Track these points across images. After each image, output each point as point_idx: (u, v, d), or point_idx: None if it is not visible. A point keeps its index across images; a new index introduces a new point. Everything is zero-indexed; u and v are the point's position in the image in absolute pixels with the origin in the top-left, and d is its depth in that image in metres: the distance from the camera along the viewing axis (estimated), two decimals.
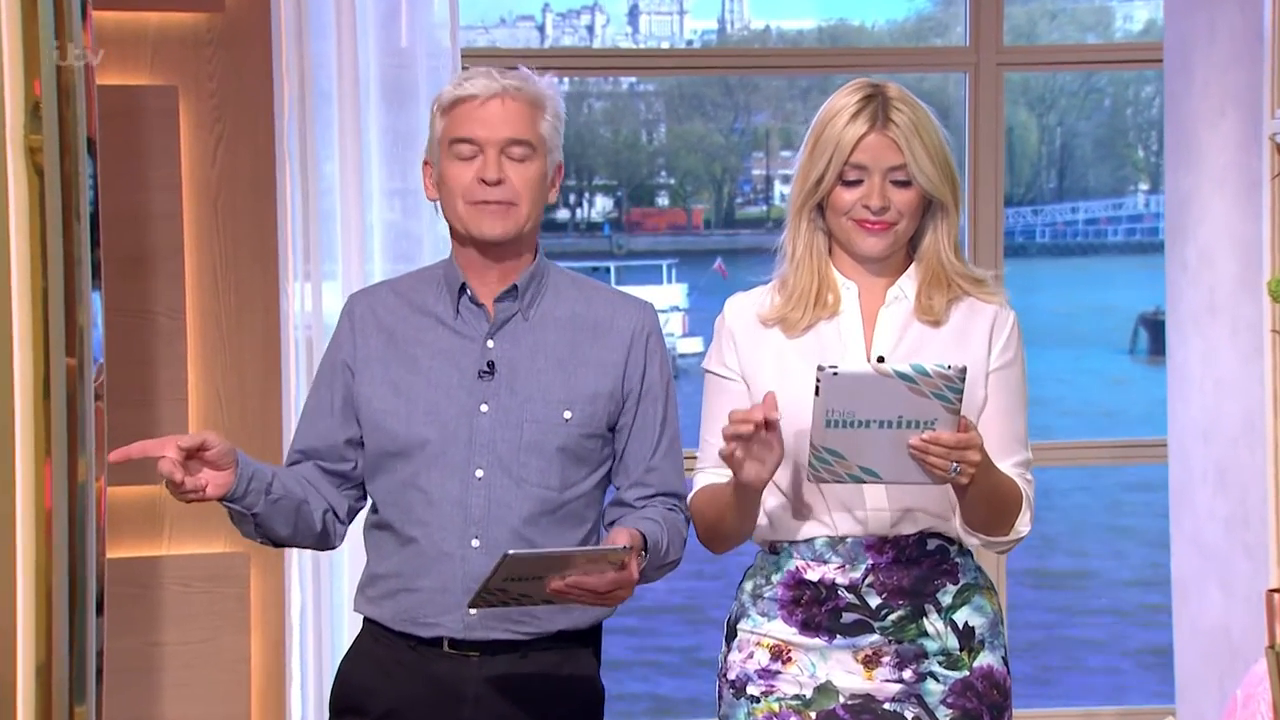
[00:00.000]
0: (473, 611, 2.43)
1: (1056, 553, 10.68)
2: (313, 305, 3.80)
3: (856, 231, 2.46)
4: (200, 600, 3.84)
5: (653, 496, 2.57)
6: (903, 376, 2.18)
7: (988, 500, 2.38)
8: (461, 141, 2.45)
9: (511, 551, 2.20)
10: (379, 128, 3.89)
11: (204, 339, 3.84)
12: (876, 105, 2.44)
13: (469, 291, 2.52)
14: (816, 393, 2.20)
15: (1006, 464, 2.45)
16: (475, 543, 2.46)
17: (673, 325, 16.79)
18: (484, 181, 2.44)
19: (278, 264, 3.81)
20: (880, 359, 2.44)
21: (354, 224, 3.83)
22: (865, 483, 2.29)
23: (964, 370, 2.18)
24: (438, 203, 2.53)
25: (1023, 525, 2.46)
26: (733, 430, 2.29)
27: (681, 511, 2.57)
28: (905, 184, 2.44)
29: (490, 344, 2.50)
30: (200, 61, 3.80)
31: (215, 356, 3.85)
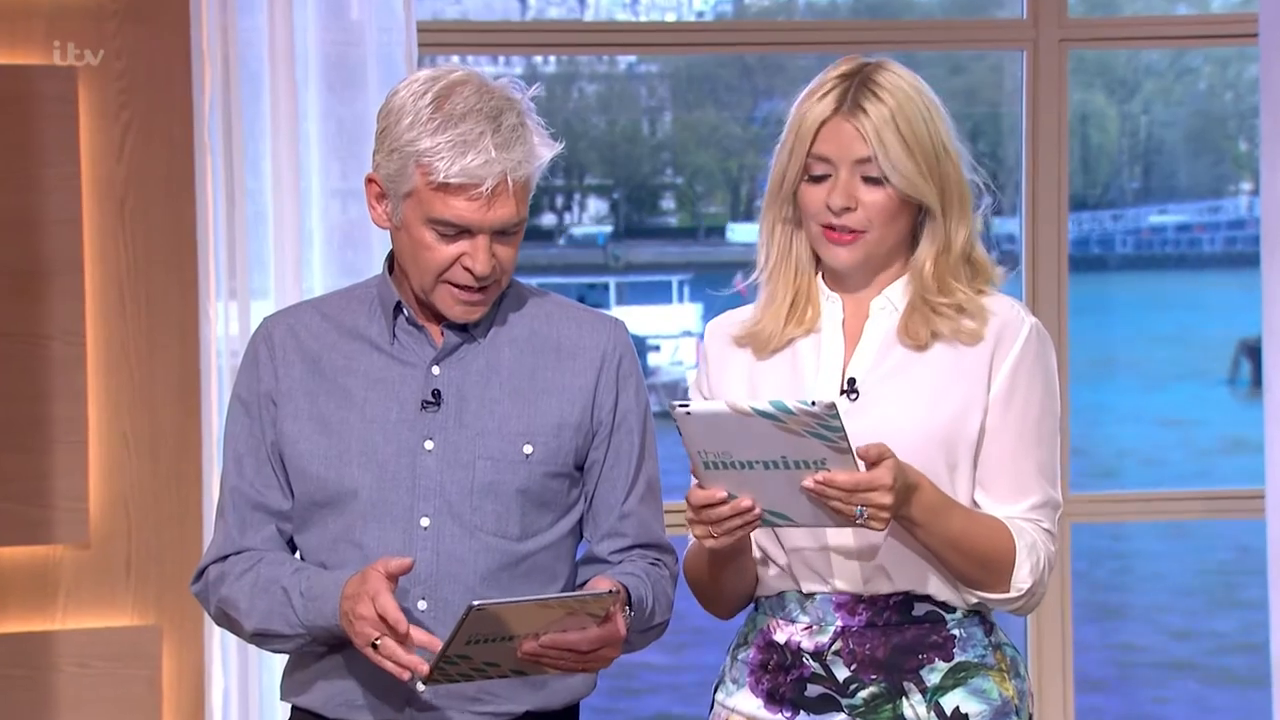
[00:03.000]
0: (422, 688, 2.44)
1: None
2: (239, 328, 3.81)
3: (822, 241, 2.48)
4: (103, 683, 3.84)
5: (630, 549, 2.58)
6: (763, 414, 2.21)
7: (955, 549, 2.40)
8: (447, 224, 2.44)
9: (477, 602, 2.21)
10: (320, 116, 3.90)
11: (107, 369, 3.84)
12: (851, 85, 2.45)
13: (405, 312, 2.53)
14: (679, 432, 2.25)
15: (1018, 508, 2.45)
16: (422, 605, 2.47)
17: (685, 353, 16.70)
18: (471, 272, 2.45)
19: (197, 279, 3.82)
20: (851, 382, 2.47)
21: (289, 231, 3.84)
22: (780, 527, 2.33)
23: (832, 406, 2.19)
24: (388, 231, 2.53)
25: (1021, 579, 2.44)
26: (704, 530, 2.33)
27: (666, 567, 2.59)
28: (876, 182, 2.45)
29: (436, 370, 2.52)
30: (104, 37, 3.82)
31: (121, 390, 3.86)
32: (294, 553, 2.59)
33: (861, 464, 2.28)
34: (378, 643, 2.33)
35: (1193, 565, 12.36)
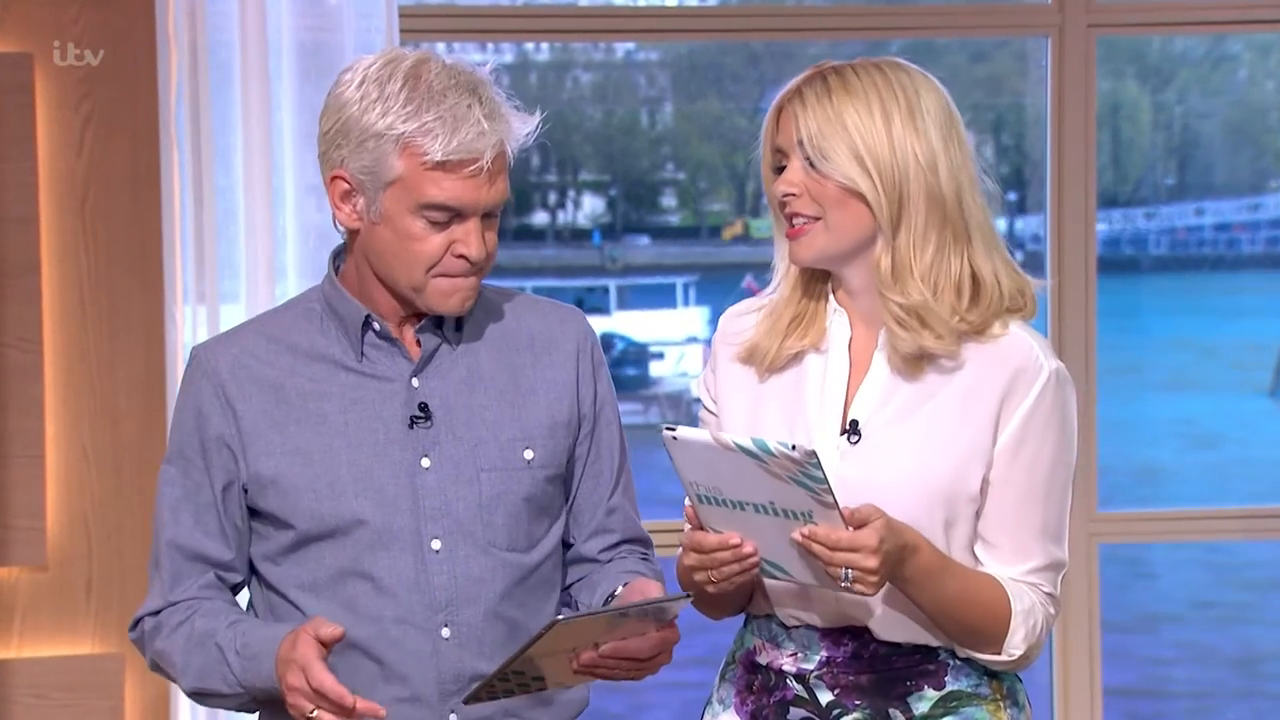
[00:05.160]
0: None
1: None
2: (207, 334, 3.81)
3: (784, 239, 2.49)
4: (61, 715, 3.84)
5: (617, 545, 2.62)
6: (746, 452, 2.21)
7: (947, 613, 2.41)
8: (440, 208, 2.43)
9: (561, 618, 2.22)
10: (295, 107, 3.90)
11: (66, 378, 3.84)
12: (806, 77, 2.47)
13: (376, 325, 2.52)
14: (670, 458, 2.26)
15: (1019, 570, 2.46)
16: (445, 632, 2.48)
17: (690, 362, 16.67)
18: (464, 258, 2.45)
19: (163, 281, 3.82)
20: (853, 424, 2.47)
21: (261, 230, 3.84)
22: (776, 579, 2.34)
23: (812, 454, 2.18)
24: (356, 230, 2.49)
25: (1014, 645, 2.45)
26: (705, 576, 2.33)
27: (653, 561, 2.63)
28: (819, 168, 2.44)
29: (415, 383, 2.52)
30: (63, 22, 3.82)
31: (81, 400, 3.85)
32: (259, 590, 2.58)
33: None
34: (313, 716, 2.31)
35: None
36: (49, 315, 3.83)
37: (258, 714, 2.57)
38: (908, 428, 2.45)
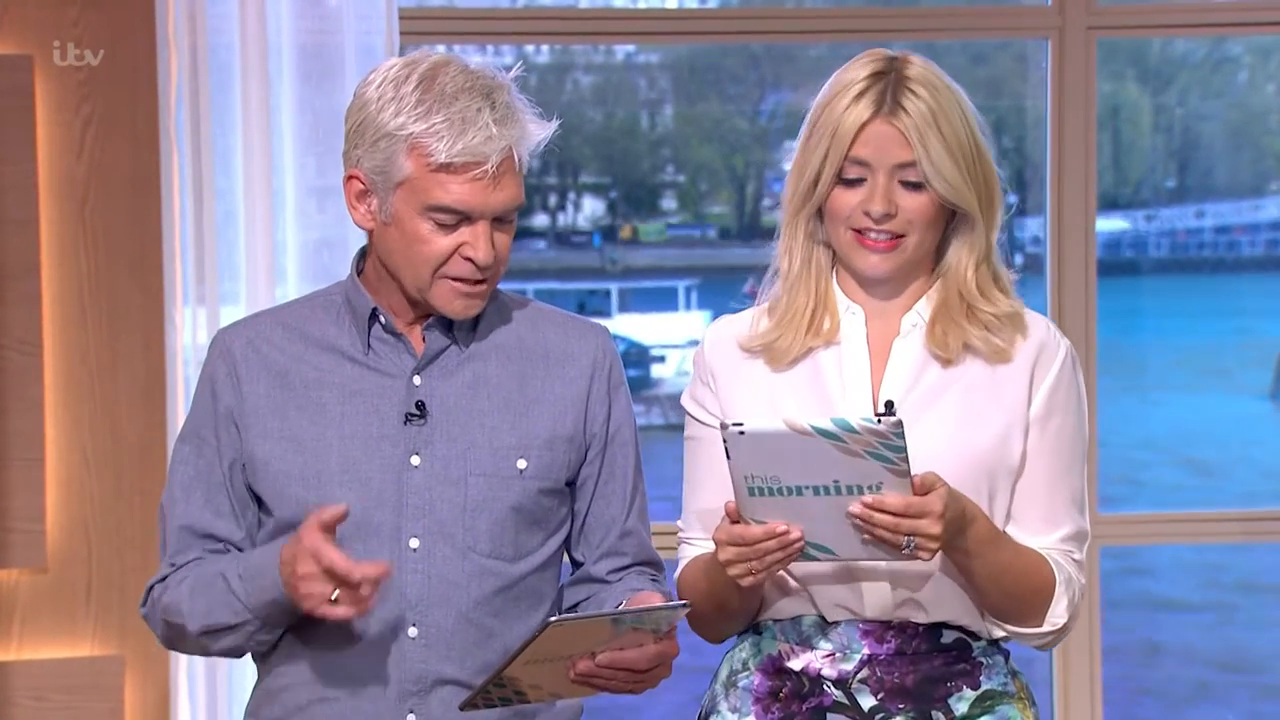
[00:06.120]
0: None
1: None
2: (207, 336, 3.81)
3: (855, 248, 2.50)
4: (60, 717, 3.84)
5: (628, 568, 2.61)
6: (825, 434, 2.24)
7: (999, 582, 2.44)
8: (447, 211, 2.45)
9: (555, 619, 2.22)
10: (295, 109, 3.91)
11: (66, 381, 3.84)
12: (886, 85, 2.48)
13: (382, 319, 2.53)
14: (727, 455, 2.26)
15: (1051, 539, 2.50)
16: (413, 632, 2.48)
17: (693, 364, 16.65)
18: (472, 261, 2.46)
19: (163, 284, 3.82)
20: (889, 405, 2.48)
21: (261, 232, 3.84)
22: (818, 560, 2.34)
23: (899, 424, 2.22)
24: (372, 230, 2.52)
25: (1058, 615, 2.50)
26: (745, 568, 2.34)
27: (664, 584, 2.62)
28: (917, 186, 2.48)
29: (417, 381, 2.52)
30: (63, 23, 3.82)
31: (81, 403, 3.85)
32: None
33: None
34: (334, 599, 2.32)
35: None
36: (49, 317, 3.83)
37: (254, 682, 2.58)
38: (942, 406, 2.49)
